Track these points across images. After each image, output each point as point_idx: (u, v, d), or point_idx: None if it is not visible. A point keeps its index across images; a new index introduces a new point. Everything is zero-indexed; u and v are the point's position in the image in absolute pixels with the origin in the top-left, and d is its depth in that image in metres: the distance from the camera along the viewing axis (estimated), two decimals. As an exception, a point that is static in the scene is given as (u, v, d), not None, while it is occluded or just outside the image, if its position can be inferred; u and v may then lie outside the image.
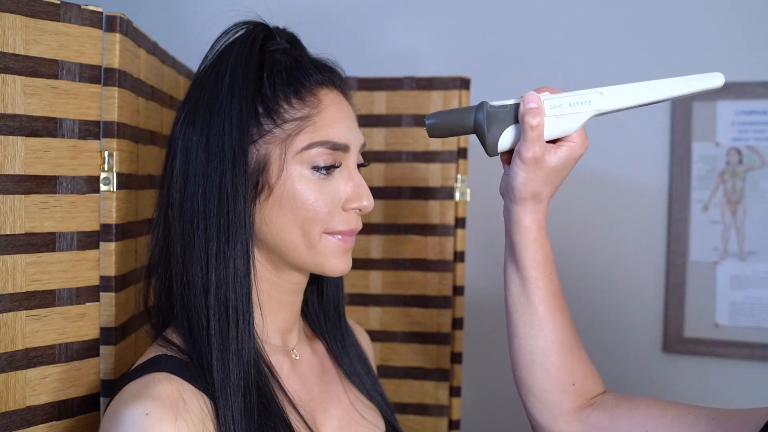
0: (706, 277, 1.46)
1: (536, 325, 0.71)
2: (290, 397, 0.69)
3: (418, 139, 1.15)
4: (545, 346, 0.71)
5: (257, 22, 0.71)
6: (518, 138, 0.66)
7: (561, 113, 0.65)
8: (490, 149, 0.67)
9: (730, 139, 1.45)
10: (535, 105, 0.65)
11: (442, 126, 0.67)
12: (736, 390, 1.45)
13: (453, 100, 1.14)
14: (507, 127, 0.66)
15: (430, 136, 0.68)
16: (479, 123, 0.66)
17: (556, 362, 0.71)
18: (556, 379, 0.71)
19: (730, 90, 1.44)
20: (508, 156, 0.70)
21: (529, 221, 0.69)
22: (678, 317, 1.47)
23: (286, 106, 0.67)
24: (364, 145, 0.73)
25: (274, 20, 0.77)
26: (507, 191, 0.69)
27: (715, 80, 0.64)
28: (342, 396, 0.78)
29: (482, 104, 0.67)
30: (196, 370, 0.64)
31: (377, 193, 1.16)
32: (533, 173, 0.66)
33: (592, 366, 0.75)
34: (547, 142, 0.66)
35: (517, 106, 0.66)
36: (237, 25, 0.71)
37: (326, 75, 0.71)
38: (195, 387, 0.63)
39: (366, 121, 1.16)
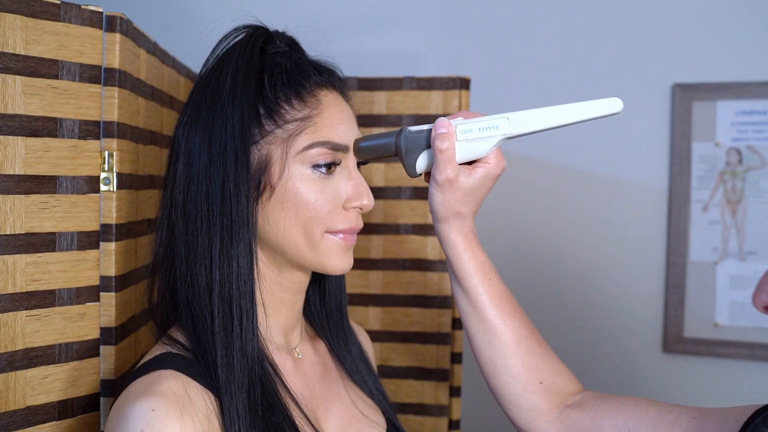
0: (706, 277, 1.46)
1: (488, 330, 0.73)
2: (293, 394, 0.69)
3: (418, 139, 1.15)
4: (502, 349, 0.73)
5: (257, 26, 0.72)
6: (432, 161, 0.70)
7: (471, 137, 0.69)
8: (409, 171, 0.71)
9: (730, 139, 1.45)
10: (445, 130, 0.68)
11: (368, 149, 0.72)
12: (736, 390, 1.45)
13: (453, 100, 1.14)
14: (422, 151, 0.70)
15: (357, 158, 0.72)
16: (399, 147, 0.71)
17: (518, 363, 0.72)
18: (523, 379, 0.72)
19: (730, 90, 1.44)
20: (428, 179, 0.73)
21: (454, 235, 0.72)
22: (678, 317, 1.47)
23: (287, 107, 0.68)
24: None
25: (275, 21, 0.77)
26: (431, 212, 0.73)
27: (614, 106, 0.67)
28: (344, 394, 0.79)
29: (402, 129, 0.71)
30: (200, 367, 0.65)
31: (377, 193, 1.16)
32: (449, 194, 0.69)
33: (561, 363, 0.76)
34: (463, 164, 0.70)
35: (430, 131, 0.70)
36: (237, 29, 0.72)
37: (326, 76, 0.72)
38: (200, 384, 0.63)
39: (366, 121, 1.16)
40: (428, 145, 0.70)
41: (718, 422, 0.63)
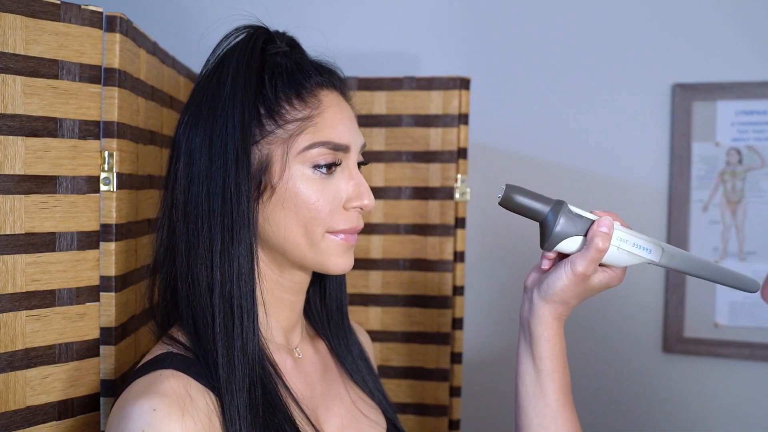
0: (706, 277, 1.46)
1: (549, 416, 0.73)
2: (294, 394, 0.69)
3: (418, 139, 1.15)
4: None
5: (257, 26, 0.72)
6: (579, 249, 0.69)
7: (621, 247, 0.69)
8: (546, 246, 0.70)
9: (730, 139, 1.45)
10: (608, 231, 0.67)
11: (516, 203, 0.69)
12: (736, 390, 1.45)
13: (453, 100, 1.14)
14: (574, 235, 0.69)
15: (500, 204, 0.69)
16: (550, 220, 0.69)
17: None
18: None
19: (730, 90, 1.44)
20: (555, 256, 0.72)
21: (552, 319, 0.72)
22: (678, 317, 1.47)
23: (287, 107, 0.68)
24: (364, 146, 0.74)
25: (275, 21, 0.77)
26: (540, 287, 0.72)
27: (752, 286, 0.72)
28: (344, 394, 0.79)
29: (561, 204, 0.69)
30: (201, 367, 0.65)
31: (377, 193, 1.16)
32: (575, 284, 0.69)
33: None
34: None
35: (590, 222, 0.69)
36: (238, 29, 0.72)
37: (326, 76, 0.72)
38: (201, 384, 0.64)
39: (366, 121, 1.16)
40: (582, 234, 0.69)
41: None
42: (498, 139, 1.54)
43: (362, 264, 1.17)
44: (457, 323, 1.15)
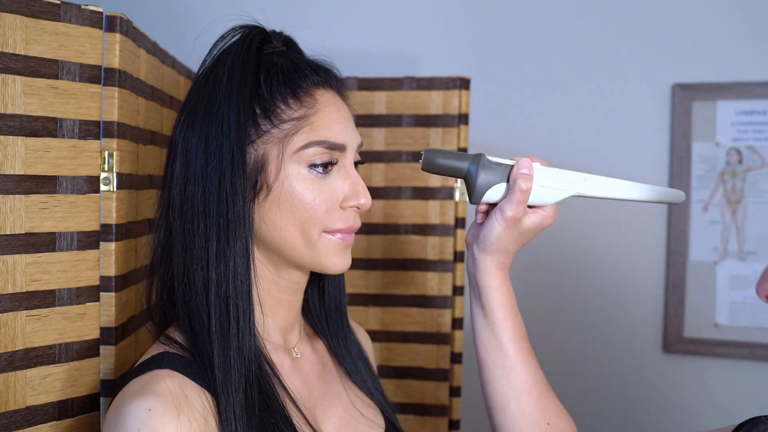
0: (706, 277, 1.46)
1: (508, 366, 0.74)
2: (291, 394, 0.69)
3: (418, 139, 1.15)
4: (519, 386, 0.73)
5: (253, 26, 0.72)
6: (505, 196, 0.71)
7: (545, 185, 0.70)
8: (474, 199, 0.71)
9: (730, 139, 1.45)
10: (528, 172, 0.69)
11: (437, 165, 0.71)
12: (736, 390, 1.45)
13: (453, 100, 1.14)
14: (497, 183, 0.70)
15: (423, 169, 0.71)
16: (471, 173, 0.70)
17: (531, 402, 0.73)
18: (533, 419, 0.73)
19: (730, 90, 1.44)
20: (486, 207, 0.74)
21: (494, 268, 0.73)
22: (678, 317, 1.47)
23: (283, 107, 0.68)
24: (361, 145, 0.74)
25: (275, 21, 0.77)
26: (477, 240, 0.73)
27: (678, 197, 0.75)
28: (342, 394, 0.79)
29: (480, 156, 0.71)
30: (197, 366, 0.65)
31: (377, 193, 1.16)
32: (508, 230, 0.70)
33: (562, 406, 0.77)
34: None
35: (510, 167, 0.71)
36: (234, 29, 0.72)
37: (322, 76, 0.72)
38: (197, 383, 0.63)
39: (366, 121, 1.16)
40: (504, 180, 0.70)
41: None
42: (498, 139, 1.54)
43: (362, 264, 1.17)
44: (457, 323, 1.15)
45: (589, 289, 1.53)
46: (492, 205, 0.73)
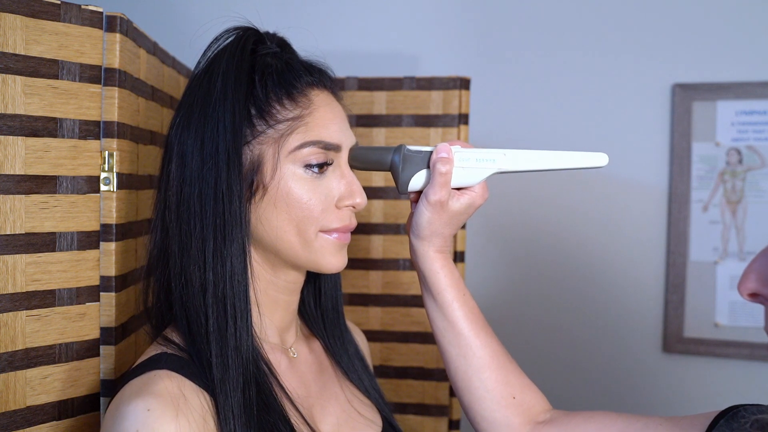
0: (706, 277, 1.46)
1: (463, 344, 0.75)
2: (289, 393, 0.69)
3: (418, 139, 1.15)
4: (477, 363, 0.75)
5: (247, 27, 0.73)
6: (428, 181, 0.73)
7: (467, 166, 0.72)
8: (400, 188, 0.74)
9: (730, 139, 1.45)
10: (446, 155, 0.71)
11: (362, 160, 0.74)
12: (735, 390, 1.45)
13: (453, 100, 1.14)
14: (419, 170, 0.73)
15: (351, 167, 0.74)
16: (395, 163, 0.73)
17: (492, 377, 0.74)
18: (497, 394, 0.74)
19: (730, 90, 1.44)
20: (417, 196, 0.75)
21: (433, 252, 0.75)
22: (678, 317, 1.47)
23: (278, 107, 0.68)
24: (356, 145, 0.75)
25: (275, 21, 0.77)
26: (412, 228, 0.75)
27: (601, 160, 0.77)
28: (339, 393, 0.79)
29: (400, 147, 0.73)
30: (195, 367, 0.65)
31: (377, 193, 1.16)
32: (437, 214, 0.72)
33: (528, 380, 0.78)
34: (452, 189, 0.73)
35: (430, 153, 0.73)
36: (228, 31, 0.72)
37: (316, 76, 0.72)
38: (195, 384, 0.64)
39: (366, 121, 1.16)
40: (425, 166, 0.72)
41: (685, 428, 0.66)
42: (498, 139, 1.54)
43: (362, 264, 1.17)
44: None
45: (589, 289, 1.53)
46: (420, 192, 0.74)
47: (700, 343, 1.46)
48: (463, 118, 1.14)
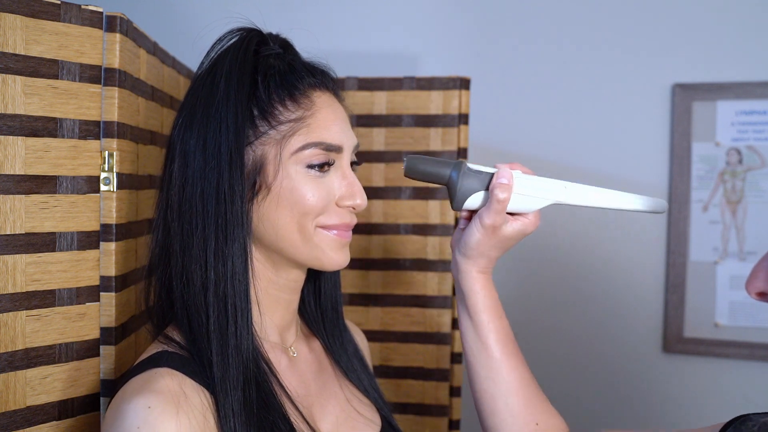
0: (706, 277, 1.46)
1: (494, 367, 0.75)
2: (288, 392, 0.70)
3: (418, 139, 1.15)
4: (505, 387, 0.74)
5: (250, 28, 0.73)
6: (484, 203, 0.72)
7: (526, 193, 0.71)
8: (456, 205, 0.73)
9: (730, 139, 1.45)
10: (507, 181, 0.70)
11: (420, 171, 0.73)
12: (736, 390, 1.45)
13: (453, 100, 1.14)
14: (477, 191, 0.72)
15: (405, 175, 0.73)
16: (453, 180, 0.72)
17: (519, 402, 0.74)
18: (521, 420, 0.74)
19: (730, 90, 1.44)
20: (469, 214, 0.75)
21: (476, 272, 0.75)
22: (678, 317, 1.47)
23: (280, 108, 0.69)
24: (357, 146, 0.75)
25: (275, 21, 0.77)
26: (459, 244, 0.75)
27: (661, 207, 0.75)
28: (339, 392, 0.79)
29: (460, 164, 0.72)
30: (196, 365, 0.65)
31: (377, 193, 1.16)
32: (487, 237, 0.72)
33: (551, 405, 0.77)
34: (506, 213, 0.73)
35: (490, 176, 0.72)
36: (231, 32, 0.73)
37: (318, 78, 0.73)
38: (196, 382, 0.64)
39: (366, 121, 1.16)
40: (483, 188, 0.71)
41: None
42: (498, 139, 1.54)
43: (362, 264, 1.17)
44: (457, 323, 1.15)
45: (589, 289, 1.53)
46: (474, 212, 0.74)
47: (700, 343, 1.46)
48: (463, 118, 1.14)
